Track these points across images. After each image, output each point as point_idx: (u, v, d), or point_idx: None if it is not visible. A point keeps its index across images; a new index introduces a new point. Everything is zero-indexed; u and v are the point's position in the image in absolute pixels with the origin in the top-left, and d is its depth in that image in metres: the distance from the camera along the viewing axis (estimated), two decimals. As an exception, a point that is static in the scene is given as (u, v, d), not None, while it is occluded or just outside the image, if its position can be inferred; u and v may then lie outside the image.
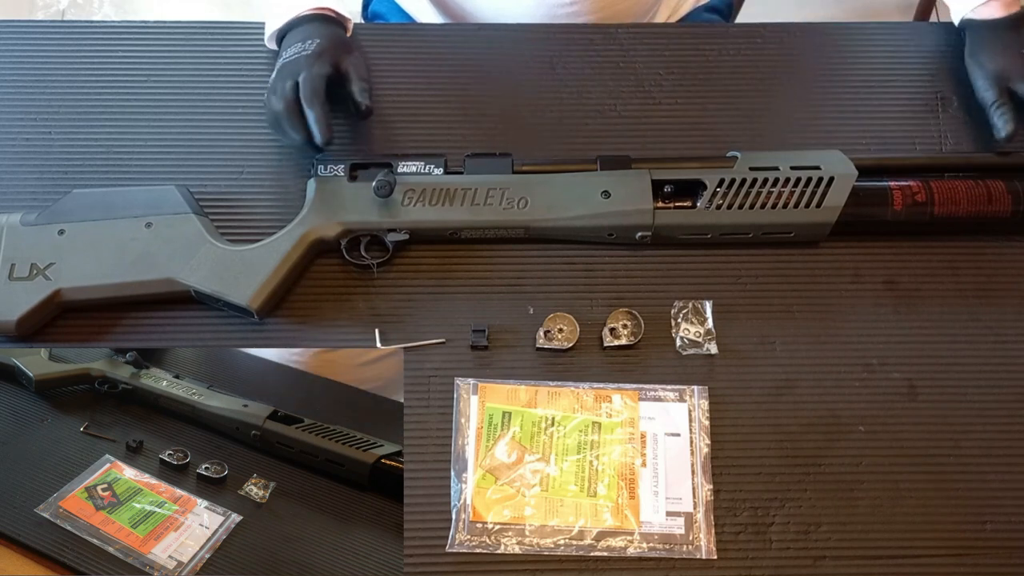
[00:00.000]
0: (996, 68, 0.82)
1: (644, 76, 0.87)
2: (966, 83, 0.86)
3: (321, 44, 0.77)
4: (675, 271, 0.78)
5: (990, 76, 0.82)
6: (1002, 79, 0.82)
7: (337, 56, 0.78)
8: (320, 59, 0.76)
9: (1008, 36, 0.83)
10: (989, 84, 0.82)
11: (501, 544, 0.69)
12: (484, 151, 0.78)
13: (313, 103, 0.73)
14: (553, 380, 0.74)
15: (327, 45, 0.77)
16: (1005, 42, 0.83)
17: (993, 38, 0.83)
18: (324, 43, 0.77)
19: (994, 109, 0.81)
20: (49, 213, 0.75)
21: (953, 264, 0.80)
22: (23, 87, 0.85)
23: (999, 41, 0.83)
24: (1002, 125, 0.81)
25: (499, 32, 0.90)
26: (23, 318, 0.71)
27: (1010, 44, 0.82)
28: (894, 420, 0.74)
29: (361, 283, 0.77)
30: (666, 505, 0.70)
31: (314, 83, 0.74)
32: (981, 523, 0.71)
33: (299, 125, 0.74)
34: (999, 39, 0.83)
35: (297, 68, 0.76)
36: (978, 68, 0.83)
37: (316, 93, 0.74)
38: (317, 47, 0.77)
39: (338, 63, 0.77)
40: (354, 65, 0.79)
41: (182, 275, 0.73)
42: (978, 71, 0.83)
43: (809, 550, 0.70)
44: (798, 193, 0.75)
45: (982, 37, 0.84)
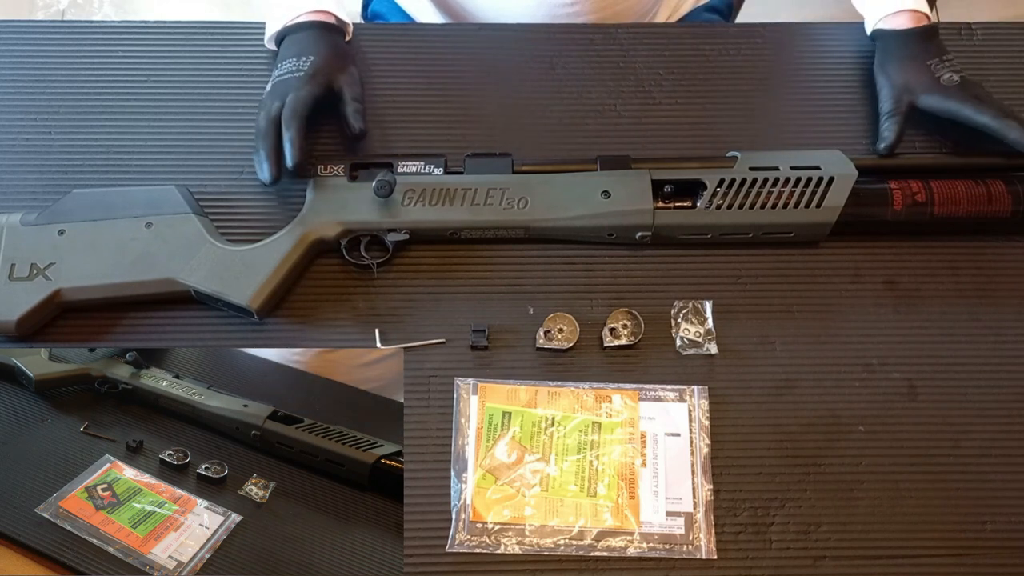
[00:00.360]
0: (901, 79, 0.82)
1: (644, 76, 0.87)
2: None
3: (315, 64, 0.77)
4: (675, 271, 0.78)
5: (894, 86, 0.82)
6: (906, 91, 0.81)
7: (330, 76, 0.78)
8: (312, 81, 0.76)
9: (915, 48, 0.82)
10: (891, 94, 0.82)
11: (501, 544, 0.69)
12: (484, 151, 0.78)
13: (291, 124, 0.73)
14: (553, 380, 0.74)
15: (321, 65, 0.78)
16: (912, 54, 0.82)
17: (900, 49, 0.83)
18: (318, 62, 0.78)
19: (886, 119, 0.81)
20: (49, 213, 0.75)
21: (953, 264, 0.80)
22: (23, 87, 0.85)
23: (906, 52, 0.83)
24: (887, 136, 0.80)
25: (499, 32, 0.90)
26: (23, 318, 0.71)
27: (916, 56, 0.82)
28: (894, 420, 0.74)
29: (361, 283, 0.77)
30: (666, 505, 0.70)
31: (296, 105, 0.74)
32: (981, 523, 0.71)
33: (272, 148, 0.73)
34: (906, 50, 0.83)
35: (287, 89, 0.76)
36: (884, 78, 0.83)
37: (296, 115, 0.73)
38: (311, 67, 0.77)
39: (331, 83, 0.78)
40: (347, 84, 0.79)
41: (182, 275, 0.73)
42: (884, 80, 0.83)
43: (809, 550, 0.70)
44: (798, 193, 0.75)
45: (890, 48, 0.84)
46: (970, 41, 0.90)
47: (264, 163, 0.73)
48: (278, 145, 0.73)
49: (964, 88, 0.80)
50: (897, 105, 0.81)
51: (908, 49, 0.83)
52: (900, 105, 0.81)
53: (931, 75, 0.81)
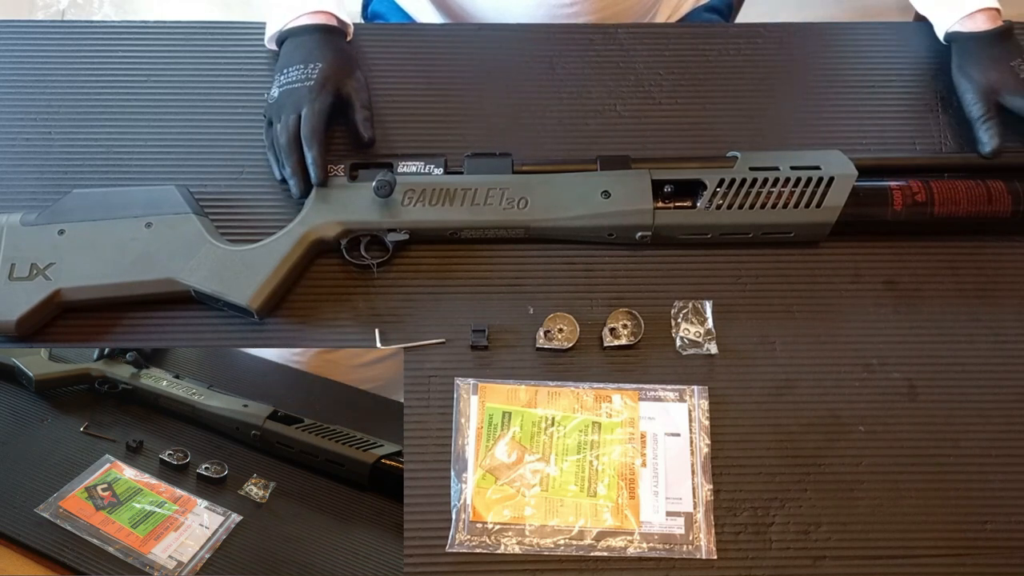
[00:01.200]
0: (986, 81, 0.81)
1: (644, 76, 0.87)
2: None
3: (324, 71, 0.78)
4: (675, 271, 0.78)
5: (979, 90, 0.81)
6: (991, 92, 0.81)
7: (339, 82, 0.79)
8: (323, 91, 0.77)
9: (995, 49, 0.82)
10: (978, 98, 0.81)
11: (501, 544, 0.69)
12: (484, 151, 0.78)
13: (313, 144, 0.75)
14: (553, 380, 0.74)
15: (329, 72, 0.78)
16: (993, 55, 0.82)
17: (980, 51, 0.83)
18: (327, 69, 0.78)
19: (981, 123, 0.81)
20: (49, 213, 0.75)
21: (953, 264, 0.80)
22: (23, 87, 0.85)
23: (986, 54, 0.82)
24: (988, 140, 0.80)
25: (499, 32, 0.90)
26: (23, 318, 0.71)
27: (998, 57, 0.82)
28: (894, 420, 0.74)
29: (361, 283, 0.77)
30: (666, 505, 0.70)
31: (315, 121, 0.75)
32: (981, 523, 0.71)
33: (297, 164, 0.75)
34: (986, 52, 0.82)
35: (300, 100, 0.76)
36: (967, 81, 0.83)
37: (316, 133, 0.75)
38: (320, 75, 0.77)
39: (340, 90, 0.79)
40: (356, 91, 0.80)
41: (182, 275, 0.73)
42: (967, 84, 0.83)
43: (809, 550, 0.70)
44: (798, 193, 0.75)
45: (969, 50, 0.84)
46: None
47: (293, 179, 0.76)
48: (302, 160, 0.75)
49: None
50: (988, 108, 0.81)
51: (988, 51, 0.82)
52: (990, 108, 0.81)
53: (1015, 75, 0.81)
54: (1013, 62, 0.81)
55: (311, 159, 0.75)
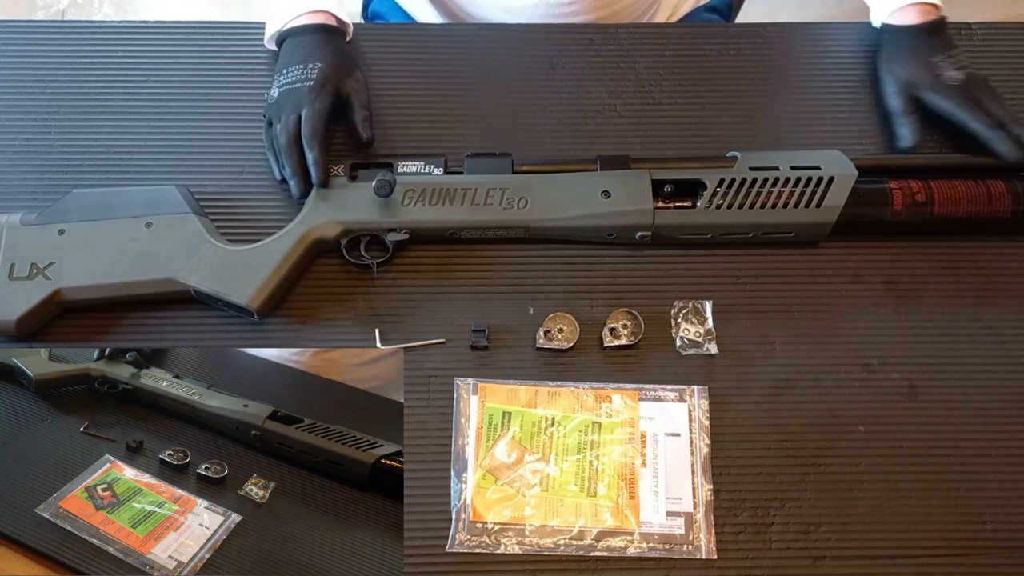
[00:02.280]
0: (905, 76, 0.82)
1: (644, 76, 0.87)
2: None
3: (323, 71, 0.78)
4: (675, 271, 0.78)
5: (899, 84, 0.82)
6: (910, 87, 0.81)
7: (339, 82, 0.79)
8: (323, 91, 0.77)
9: (920, 44, 0.82)
10: (897, 92, 0.82)
11: (501, 544, 0.69)
12: (484, 151, 0.78)
13: (313, 144, 0.75)
14: (553, 380, 0.74)
15: (329, 72, 0.78)
16: (916, 50, 0.82)
17: (905, 45, 0.83)
18: (326, 69, 0.78)
19: (899, 118, 0.81)
20: (49, 213, 0.75)
21: (953, 264, 0.80)
22: (23, 87, 0.85)
23: (910, 49, 0.82)
24: (907, 135, 0.80)
25: (499, 32, 0.90)
26: (23, 318, 0.71)
27: (922, 52, 0.82)
28: (894, 420, 0.74)
29: (361, 283, 0.77)
30: (666, 505, 0.70)
31: (315, 122, 0.75)
32: (981, 523, 0.71)
33: (298, 164, 0.75)
34: (911, 46, 0.82)
35: (300, 100, 0.76)
36: (888, 75, 0.83)
37: (316, 133, 0.75)
38: (320, 75, 0.77)
39: (339, 90, 0.79)
40: (355, 91, 0.80)
41: (182, 275, 0.73)
42: (888, 77, 0.83)
43: (809, 550, 0.70)
44: (798, 193, 0.75)
45: (895, 43, 0.84)
46: (970, 41, 0.90)
47: (293, 179, 0.76)
48: (302, 160, 0.75)
49: (966, 88, 0.80)
50: (906, 103, 0.81)
51: (913, 45, 0.82)
52: (908, 103, 0.81)
53: (933, 72, 0.81)
54: (935, 58, 0.81)
55: (312, 160, 0.75)
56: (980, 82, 0.81)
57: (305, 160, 0.75)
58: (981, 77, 0.81)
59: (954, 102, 0.79)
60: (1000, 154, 0.77)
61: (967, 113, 0.78)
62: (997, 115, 0.78)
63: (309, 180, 0.76)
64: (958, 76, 0.80)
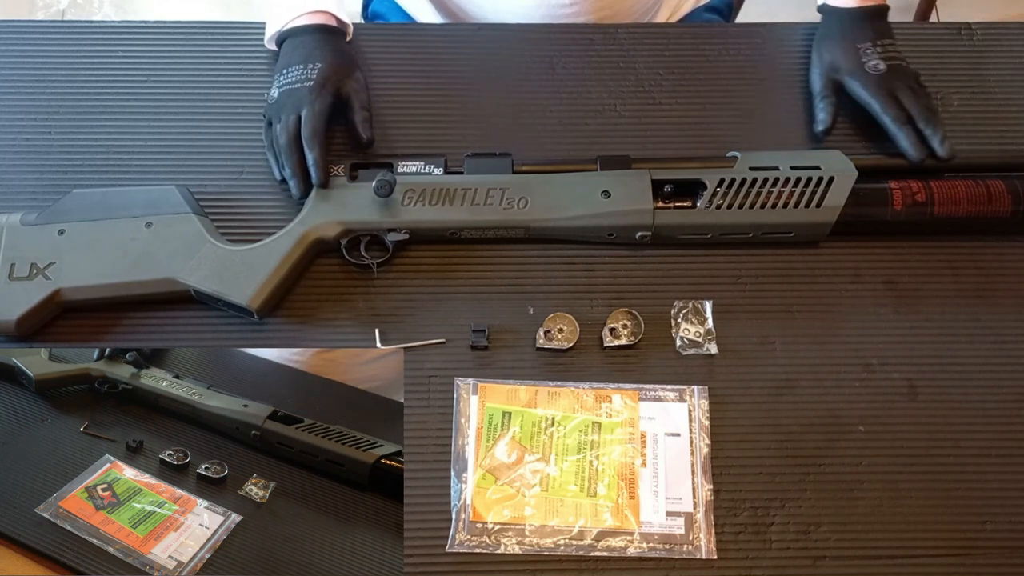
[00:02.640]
0: (831, 59, 0.82)
1: (644, 76, 0.87)
2: (966, 83, 0.86)
3: (323, 71, 0.78)
4: (675, 271, 0.78)
5: (824, 66, 0.82)
6: (834, 71, 0.82)
7: (339, 82, 0.79)
8: (323, 91, 0.77)
9: (852, 29, 0.82)
10: (820, 74, 0.82)
11: (501, 544, 0.69)
12: (484, 151, 0.78)
13: (313, 145, 0.75)
14: (553, 380, 0.74)
15: (329, 72, 0.78)
16: (846, 34, 0.82)
17: (837, 28, 0.83)
18: (326, 69, 0.78)
19: (818, 100, 0.82)
20: (49, 213, 0.75)
21: (953, 264, 0.80)
22: (23, 87, 0.85)
23: (841, 32, 0.83)
24: (821, 118, 0.81)
25: (499, 32, 0.90)
26: (23, 318, 0.71)
27: (851, 38, 0.82)
28: (894, 420, 0.74)
29: (361, 283, 0.77)
30: (666, 505, 0.70)
31: (315, 122, 0.75)
32: (981, 523, 0.71)
33: (298, 165, 0.75)
34: (842, 30, 0.83)
35: (300, 101, 0.76)
36: (816, 56, 0.84)
37: (316, 134, 0.75)
38: (320, 75, 0.77)
39: (339, 90, 0.79)
40: (355, 92, 0.80)
41: (182, 275, 0.73)
42: (816, 58, 0.84)
43: (809, 550, 0.70)
44: (798, 193, 0.75)
45: (829, 25, 0.84)
46: (970, 41, 0.90)
47: (293, 180, 0.76)
48: (302, 160, 0.75)
49: (886, 79, 0.79)
50: (826, 86, 0.81)
51: (844, 29, 0.83)
52: (828, 85, 0.81)
53: (858, 59, 0.81)
54: (862, 44, 0.81)
55: (312, 160, 0.75)
56: (904, 76, 0.80)
57: (305, 160, 0.75)
58: (909, 71, 0.81)
59: (868, 91, 0.79)
60: (902, 150, 0.78)
61: (880, 104, 0.79)
62: (909, 111, 0.78)
63: (309, 180, 0.75)
64: (881, 66, 0.80)
